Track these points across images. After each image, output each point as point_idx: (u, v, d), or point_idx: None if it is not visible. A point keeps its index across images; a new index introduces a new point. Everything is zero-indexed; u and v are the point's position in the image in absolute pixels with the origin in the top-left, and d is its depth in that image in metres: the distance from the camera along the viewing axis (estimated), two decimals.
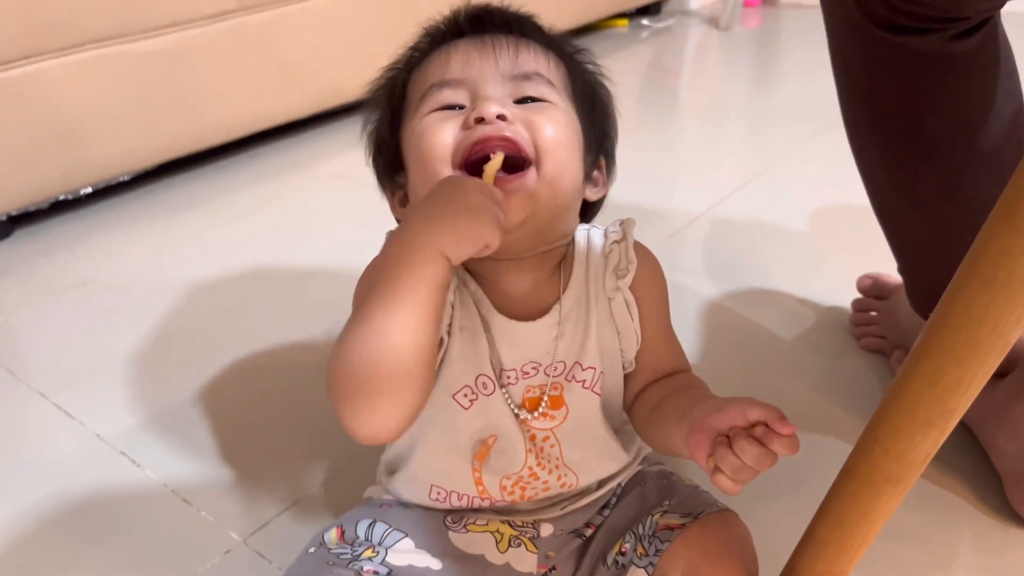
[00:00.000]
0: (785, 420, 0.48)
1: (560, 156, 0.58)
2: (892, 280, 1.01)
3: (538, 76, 0.60)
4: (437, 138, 0.57)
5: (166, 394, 0.97)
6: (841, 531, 0.52)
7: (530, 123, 0.57)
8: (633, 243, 0.64)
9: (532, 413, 0.61)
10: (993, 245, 0.41)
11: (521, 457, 0.61)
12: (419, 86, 0.62)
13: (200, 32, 1.51)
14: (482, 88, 0.59)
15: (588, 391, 0.62)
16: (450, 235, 0.50)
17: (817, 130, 1.67)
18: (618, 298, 0.63)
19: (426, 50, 0.64)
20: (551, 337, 0.61)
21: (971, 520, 0.77)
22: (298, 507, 0.80)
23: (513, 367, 0.60)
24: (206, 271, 1.25)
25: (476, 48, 0.61)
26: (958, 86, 0.69)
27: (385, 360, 0.50)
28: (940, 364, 0.45)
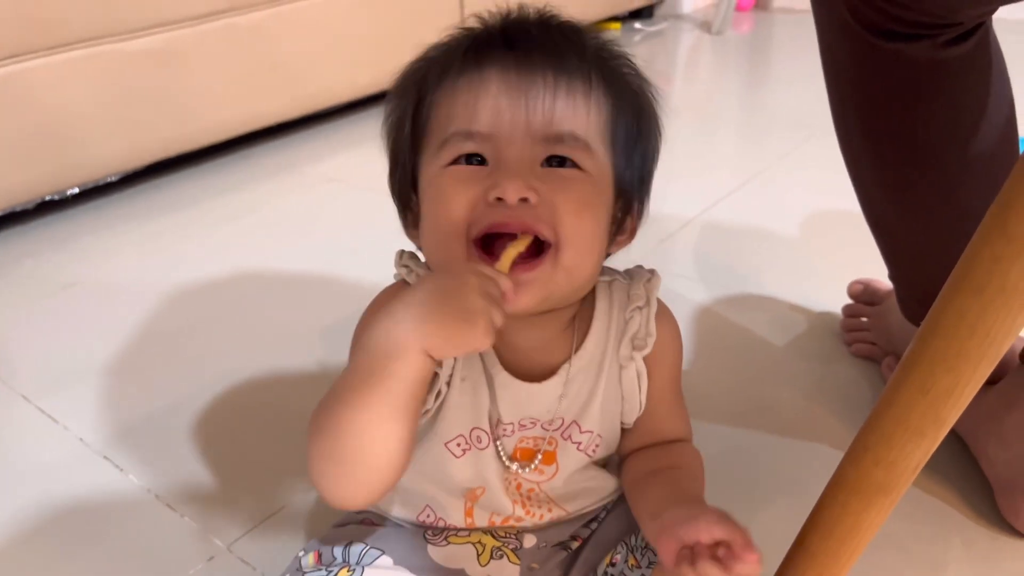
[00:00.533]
0: (748, 545, 0.45)
1: (582, 244, 0.54)
2: (883, 286, 1.01)
3: (572, 139, 0.54)
4: (455, 207, 0.53)
5: (151, 399, 0.96)
6: (831, 541, 0.52)
7: (553, 206, 0.52)
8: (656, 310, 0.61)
9: (524, 467, 0.60)
10: (985, 253, 0.41)
11: (508, 507, 0.61)
12: (443, 120, 0.56)
13: (190, 32, 1.50)
14: (508, 151, 0.53)
15: (582, 453, 0.61)
16: (438, 338, 0.47)
17: (809, 135, 1.67)
18: (631, 368, 0.61)
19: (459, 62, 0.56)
20: (555, 396, 0.59)
21: (961, 528, 0.77)
22: (283, 514, 0.79)
23: (511, 421, 0.59)
24: (194, 274, 1.24)
25: (508, 97, 0.53)
26: (950, 93, 0.69)
27: (351, 452, 0.49)
28: (931, 372, 0.44)
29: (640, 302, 0.60)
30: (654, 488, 0.59)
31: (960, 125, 0.70)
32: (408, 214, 0.61)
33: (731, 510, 0.71)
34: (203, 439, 0.89)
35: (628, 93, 0.59)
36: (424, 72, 0.58)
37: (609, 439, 0.63)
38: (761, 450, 0.87)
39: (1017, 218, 0.39)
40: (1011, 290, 0.40)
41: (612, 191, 0.57)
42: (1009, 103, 0.73)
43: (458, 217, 0.53)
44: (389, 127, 0.61)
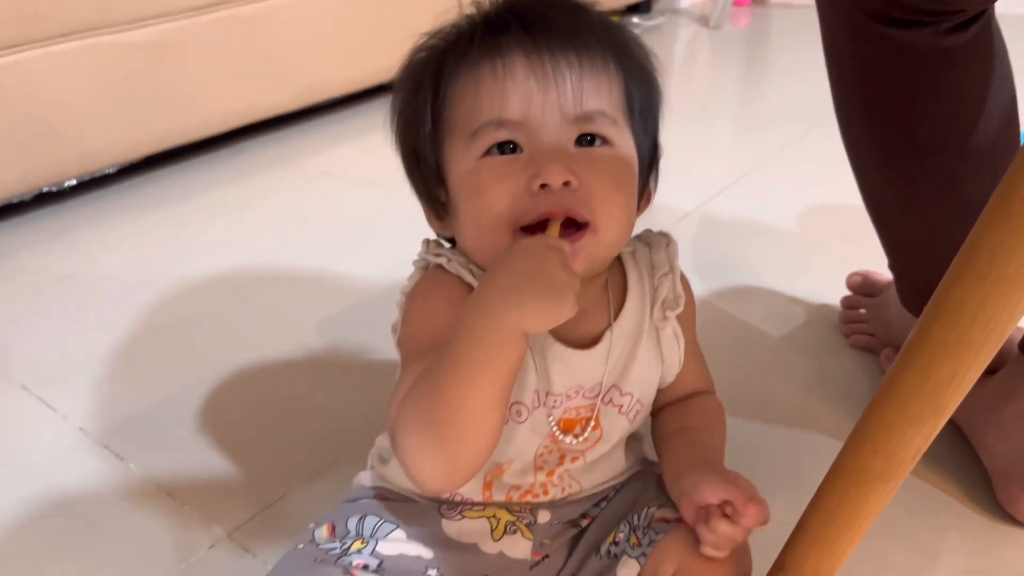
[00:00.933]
0: (751, 500, 0.51)
1: (620, 219, 0.56)
2: (882, 278, 1.01)
3: (601, 116, 0.56)
4: (497, 201, 0.54)
5: (150, 388, 0.96)
6: (830, 528, 0.52)
7: (591, 188, 0.54)
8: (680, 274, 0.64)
9: (575, 437, 0.61)
10: (987, 240, 0.41)
11: (531, 477, 0.62)
12: (470, 110, 0.56)
13: (186, 24, 1.50)
14: (543, 136, 0.54)
15: (624, 417, 0.63)
16: (535, 316, 0.48)
17: (807, 130, 1.68)
18: (667, 328, 0.63)
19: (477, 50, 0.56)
20: (602, 362, 0.61)
21: (959, 518, 0.77)
22: (284, 501, 0.79)
23: (562, 391, 0.60)
24: (191, 266, 1.24)
25: (537, 81, 0.54)
26: (952, 81, 0.69)
27: (466, 440, 0.50)
28: (932, 359, 0.44)
29: (665, 268, 0.64)
30: (675, 451, 0.63)
31: (962, 114, 0.70)
32: (436, 206, 0.62)
33: None
34: (203, 429, 0.89)
35: (634, 62, 0.60)
36: (437, 63, 0.58)
37: (647, 404, 0.65)
38: (760, 442, 0.87)
39: (1019, 206, 0.40)
40: (1012, 278, 0.41)
41: (637, 162, 0.59)
42: (1011, 93, 0.73)
43: (503, 209, 0.54)
44: (403, 122, 0.61)
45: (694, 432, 0.65)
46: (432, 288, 0.60)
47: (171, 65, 1.49)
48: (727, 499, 0.52)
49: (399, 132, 0.62)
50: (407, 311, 0.60)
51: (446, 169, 0.59)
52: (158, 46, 1.46)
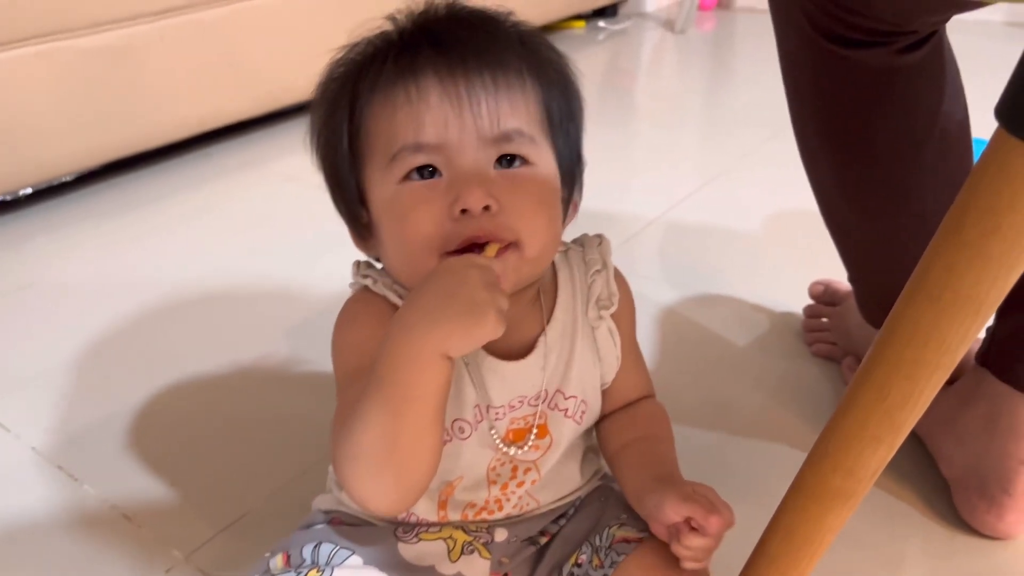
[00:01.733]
0: (711, 513, 0.53)
1: (544, 238, 0.56)
2: (843, 287, 1.02)
3: (519, 135, 0.55)
4: (421, 227, 0.54)
5: (106, 405, 0.94)
6: (791, 545, 0.52)
7: (513, 210, 0.54)
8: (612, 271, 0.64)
9: (520, 447, 0.61)
10: (939, 261, 0.41)
11: (485, 493, 0.62)
12: (387, 134, 0.55)
13: (148, 28, 1.47)
14: (462, 159, 0.54)
15: (570, 420, 0.62)
16: (455, 338, 0.47)
17: (771, 135, 1.69)
18: (602, 327, 0.63)
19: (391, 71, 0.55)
20: (539, 369, 0.60)
21: (919, 527, 0.78)
22: (243, 522, 0.78)
23: (502, 404, 0.60)
24: (152, 276, 1.22)
25: (452, 104, 0.53)
26: (905, 99, 0.70)
27: (402, 467, 0.50)
28: (888, 380, 0.45)
29: (598, 266, 0.63)
30: (631, 467, 0.63)
31: (915, 131, 0.71)
32: (358, 228, 0.61)
33: None
34: (160, 445, 0.88)
35: (550, 70, 0.59)
36: (352, 84, 0.57)
37: (592, 404, 0.64)
38: (723, 450, 0.87)
39: (970, 227, 0.40)
40: (965, 298, 0.41)
41: (558, 176, 0.59)
42: (963, 109, 0.74)
43: (426, 235, 0.54)
44: (322, 144, 0.60)
45: (645, 443, 0.65)
46: (359, 310, 0.60)
47: (133, 70, 1.46)
48: (688, 516, 0.53)
49: (318, 152, 0.61)
50: (336, 336, 0.60)
51: (367, 191, 0.58)
52: (119, 51, 1.43)
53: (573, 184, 0.63)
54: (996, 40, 1.67)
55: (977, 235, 0.39)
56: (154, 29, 1.48)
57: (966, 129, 0.74)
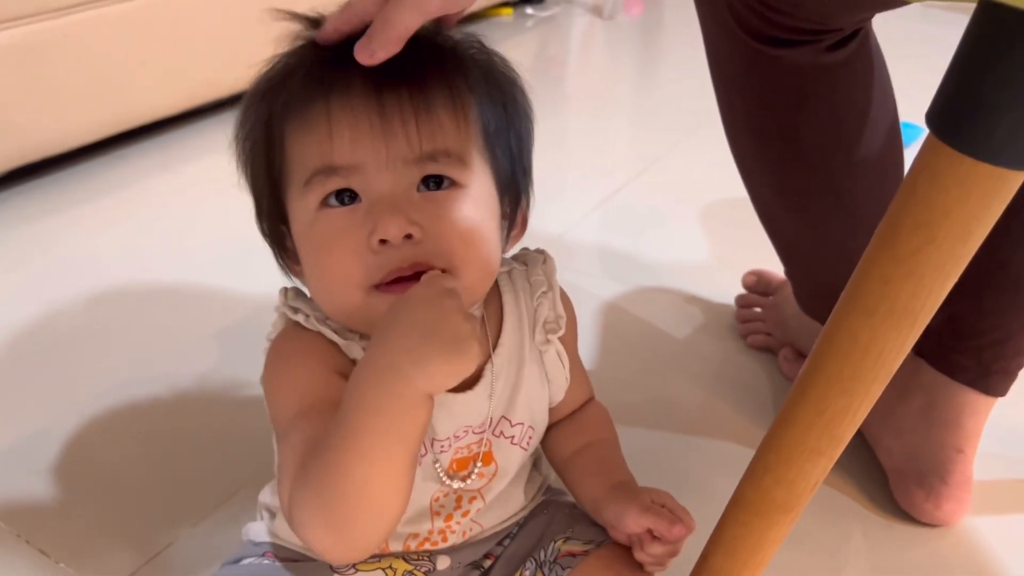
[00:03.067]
0: (672, 524, 0.53)
1: (478, 265, 0.52)
2: (776, 276, 1.02)
3: (445, 155, 0.51)
4: (341, 261, 0.50)
5: (16, 428, 0.88)
6: (734, 559, 0.52)
7: (440, 237, 0.50)
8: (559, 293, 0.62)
9: (464, 479, 0.58)
10: (874, 274, 0.40)
11: (428, 524, 0.59)
12: (300, 155, 0.52)
13: (52, 25, 1.40)
14: (380, 182, 0.50)
15: (516, 447, 0.60)
16: (441, 376, 0.43)
17: (702, 121, 1.68)
18: (550, 351, 0.61)
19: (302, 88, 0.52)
20: (485, 397, 0.58)
21: (859, 518, 0.78)
22: (170, 551, 0.74)
23: (448, 436, 0.57)
24: (67, 286, 1.15)
25: (369, 122, 0.50)
26: (833, 96, 0.70)
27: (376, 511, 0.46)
28: (826, 394, 0.44)
29: (544, 287, 0.61)
30: (584, 477, 0.62)
31: (844, 128, 0.71)
32: (284, 252, 0.58)
33: None
34: (76, 475, 0.83)
35: (486, 79, 0.55)
36: (268, 103, 0.54)
37: (539, 428, 0.63)
38: (665, 449, 0.87)
39: (905, 238, 0.39)
40: (901, 310, 0.40)
41: (496, 194, 0.55)
42: (892, 105, 0.74)
43: (349, 269, 0.50)
44: (243, 163, 0.57)
45: (593, 449, 0.64)
46: (292, 349, 0.56)
47: (37, 70, 1.38)
48: (649, 528, 0.54)
49: (241, 172, 0.58)
50: (269, 378, 0.56)
51: (289, 214, 0.55)
52: (22, 50, 1.36)
53: (518, 200, 0.59)
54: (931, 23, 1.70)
55: (912, 249, 0.38)
56: (59, 26, 1.40)
57: (895, 124, 0.75)
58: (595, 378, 0.69)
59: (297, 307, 0.56)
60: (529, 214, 0.62)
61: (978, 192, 0.37)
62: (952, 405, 0.75)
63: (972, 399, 0.74)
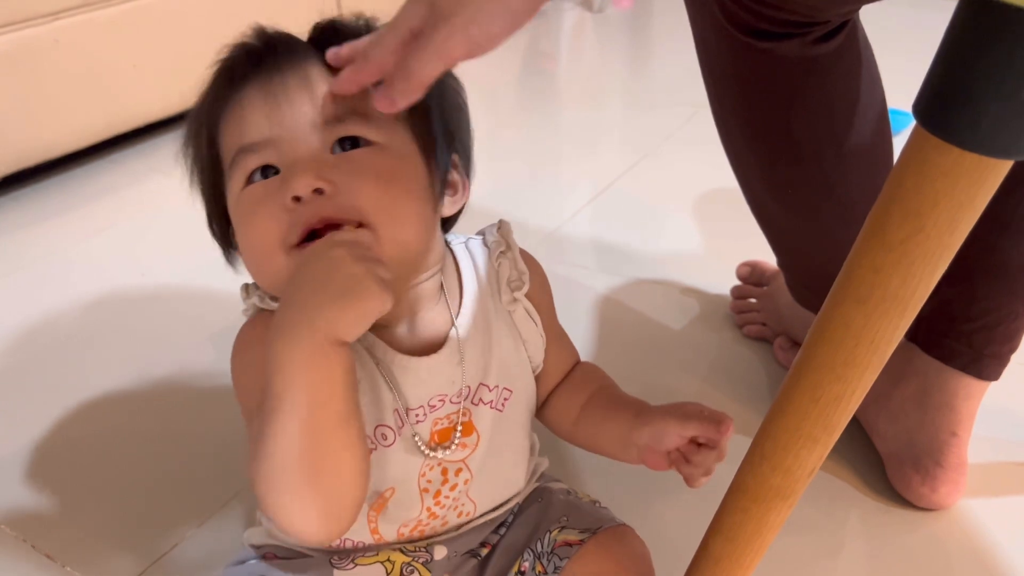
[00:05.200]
0: (718, 423, 0.54)
1: (404, 213, 0.53)
2: (770, 267, 1.03)
3: (353, 116, 0.53)
4: (260, 225, 0.52)
5: (15, 437, 0.89)
6: (734, 545, 0.52)
7: (353, 190, 0.51)
8: (519, 251, 0.63)
9: (446, 448, 0.58)
10: (866, 263, 0.41)
11: (418, 504, 0.59)
12: (225, 146, 0.56)
13: (42, 31, 1.39)
14: (288, 148, 0.52)
15: (494, 411, 0.61)
16: (343, 319, 0.44)
17: (694, 113, 1.69)
18: (519, 309, 0.62)
19: (220, 92, 0.56)
20: (455, 364, 0.58)
21: (857, 503, 0.79)
22: (175, 553, 0.75)
23: (421, 404, 0.57)
24: (61, 292, 1.16)
25: (266, 96, 0.53)
26: (822, 88, 0.70)
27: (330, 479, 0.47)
28: (821, 381, 0.45)
29: (502, 247, 0.62)
30: (603, 419, 0.63)
31: (836, 119, 0.71)
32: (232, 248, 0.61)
33: (637, 502, 0.71)
34: (80, 475, 0.83)
35: None
36: (198, 109, 0.58)
37: (520, 389, 0.62)
38: None
39: (895, 227, 0.39)
40: (892, 298, 0.41)
41: (418, 152, 0.56)
42: (880, 96, 0.75)
43: (268, 232, 0.51)
44: (189, 172, 0.60)
45: (601, 394, 0.65)
46: (254, 334, 0.57)
47: (29, 76, 1.38)
48: (694, 435, 0.55)
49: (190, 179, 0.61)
50: (234, 363, 0.57)
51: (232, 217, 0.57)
52: (13, 57, 1.35)
53: (447, 161, 0.59)
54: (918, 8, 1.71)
55: (902, 238, 0.39)
56: (49, 32, 1.40)
57: (884, 114, 0.75)
58: None
59: (256, 293, 0.58)
60: (471, 179, 0.63)
61: (965, 181, 0.37)
62: (946, 390, 0.75)
63: (965, 383, 0.75)
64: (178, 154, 0.60)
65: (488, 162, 0.61)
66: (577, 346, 0.68)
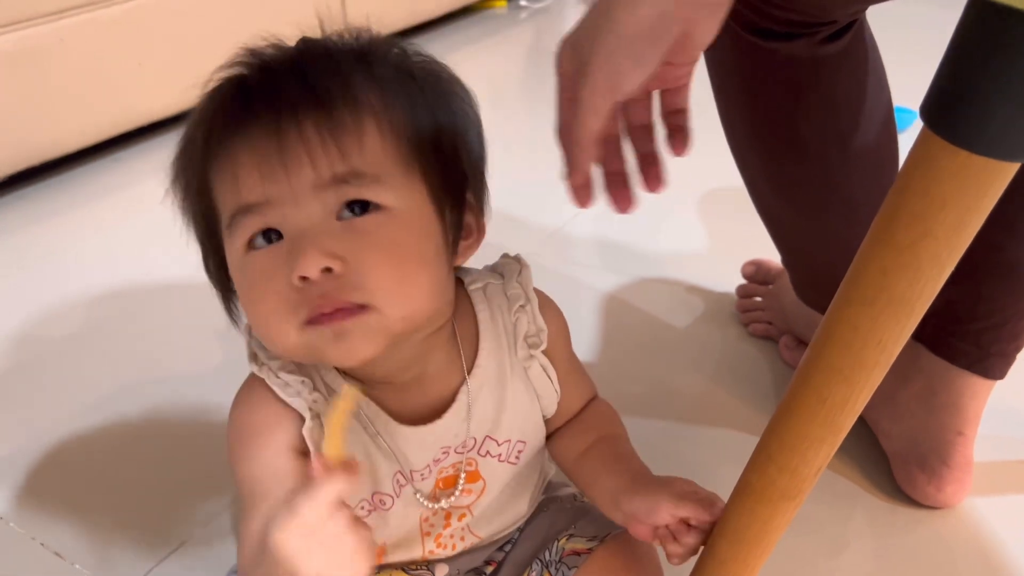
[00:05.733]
0: (710, 507, 0.52)
1: (410, 289, 0.49)
2: (775, 266, 1.03)
3: (356, 176, 0.47)
4: (269, 305, 0.48)
5: (25, 433, 0.89)
6: (740, 547, 0.52)
7: (363, 268, 0.47)
8: (538, 302, 0.59)
9: (449, 496, 0.57)
10: (873, 265, 0.41)
11: (419, 548, 0.59)
12: (221, 199, 0.50)
13: (47, 29, 1.40)
14: (297, 215, 0.47)
15: (504, 463, 0.59)
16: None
17: (700, 111, 1.68)
18: (534, 365, 0.59)
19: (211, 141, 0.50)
20: (461, 419, 0.56)
21: (862, 502, 0.79)
22: (183, 550, 0.75)
23: (426, 464, 0.56)
24: (70, 289, 1.16)
25: (268, 155, 0.47)
26: (829, 88, 0.70)
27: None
28: (827, 383, 0.45)
29: (521, 301, 0.58)
30: (599, 473, 0.59)
31: (842, 119, 0.71)
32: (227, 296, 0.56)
33: None
34: (88, 476, 0.84)
35: (404, 84, 0.52)
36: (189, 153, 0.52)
37: (533, 439, 0.60)
38: (668, 437, 0.87)
39: (901, 231, 0.39)
40: (899, 300, 0.41)
41: (431, 208, 0.51)
42: (887, 96, 0.75)
43: (275, 312, 0.48)
44: (183, 214, 0.55)
45: (604, 444, 0.61)
46: (249, 419, 0.55)
47: (35, 75, 1.39)
48: (684, 517, 0.53)
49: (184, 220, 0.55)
50: (229, 438, 0.56)
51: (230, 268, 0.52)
52: (18, 56, 1.36)
53: (463, 205, 0.55)
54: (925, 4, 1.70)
55: (909, 240, 0.39)
56: (54, 30, 1.40)
57: (890, 114, 0.75)
58: (596, 369, 0.69)
59: (257, 355, 0.55)
60: (486, 219, 0.58)
61: (973, 184, 0.37)
62: (952, 389, 0.75)
63: (971, 382, 0.75)
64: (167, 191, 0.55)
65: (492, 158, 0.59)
66: (582, 346, 0.68)
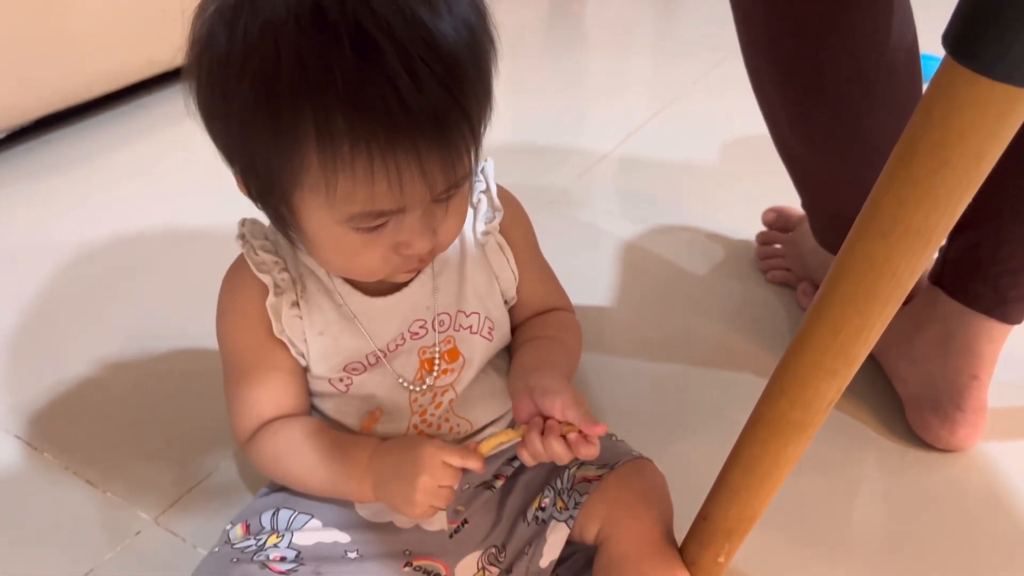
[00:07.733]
0: (593, 426, 0.53)
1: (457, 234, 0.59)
2: (796, 212, 1.03)
3: (464, 179, 0.53)
4: (370, 263, 0.55)
5: (58, 370, 0.92)
6: (752, 477, 0.53)
7: (447, 232, 0.56)
8: (496, 189, 0.66)
9: (430, 374, 0.63)
10: (889, 197, 0.41)
11: (405, 423, 0.64)
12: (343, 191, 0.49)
13: None
14: (411, 217, 0.52)
15: (477, 336, 0.64)
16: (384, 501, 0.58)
17: (722, 58, 1.67)
18: (490, 242, 0.65)
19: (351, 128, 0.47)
20: (428, 292, 0.62)
21: (875, 445, 0.80)
22: (210, 481, 0.77)
23: (398, 333, 0.62)
24: (95, 234, 1.18)
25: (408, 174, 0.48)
26: (852, 28, 0.69)
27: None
28: (842, 314, 0.45)
29: (481, 187, 0.65)
30: (530, 352, 0.65)
31: (865, 57, 0.70)
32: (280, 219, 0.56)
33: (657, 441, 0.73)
34: (119, 409, 0.86)
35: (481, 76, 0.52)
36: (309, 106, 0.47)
37: (499, 319, 0.66)
38: (685, 380, 0.88)
39: (920, 161, 0.40)
40: (915, 232, 0.41)
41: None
42: (912, 36, 0.74)
43: (376, 268, 0.56)
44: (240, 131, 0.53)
45: (548, 340, 0.67)
46: (231, 294, 0.64)
47: (59, 19, 1.39)
48: (573, 421, 0.53)
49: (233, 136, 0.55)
50: (218, 318, 0.64)
51: (296, 205, 0.53)
52: (40, 2, 1.36)
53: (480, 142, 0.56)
54: None
55: (927, 170, 0.39)
56: None
57: (915, 55, 0.74)
58: (616, 314, 0.70)
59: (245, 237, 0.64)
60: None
61: (993, 112, 0.37)
62: (968, 333, 0.76)
63: (988, 327, 0.75)
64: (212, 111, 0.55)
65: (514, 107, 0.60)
66: (600, 291, 0.69)
